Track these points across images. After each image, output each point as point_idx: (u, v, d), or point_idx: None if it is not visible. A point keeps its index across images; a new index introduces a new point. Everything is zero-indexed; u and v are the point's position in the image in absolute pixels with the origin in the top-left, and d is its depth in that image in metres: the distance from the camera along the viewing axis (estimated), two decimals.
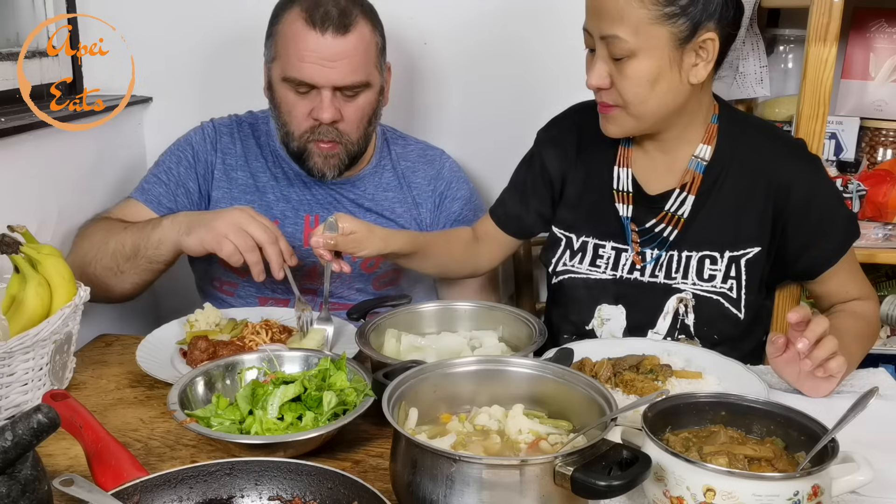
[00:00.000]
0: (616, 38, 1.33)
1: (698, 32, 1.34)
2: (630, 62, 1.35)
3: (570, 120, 1.64)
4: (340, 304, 1.79)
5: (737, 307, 1.48)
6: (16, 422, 0.91)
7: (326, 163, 1.71)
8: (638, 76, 1.35)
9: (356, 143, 1.72)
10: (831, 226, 1.48)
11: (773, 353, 1.31)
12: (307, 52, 1.60)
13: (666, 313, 1.50)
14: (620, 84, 1.37)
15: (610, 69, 1.38)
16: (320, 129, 1.67)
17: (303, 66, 1.61)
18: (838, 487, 0.97)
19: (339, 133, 1.68)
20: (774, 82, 2.18)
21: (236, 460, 1.02)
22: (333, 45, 1.60)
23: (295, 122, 1.69)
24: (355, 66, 1.63)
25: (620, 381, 1.30)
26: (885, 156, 2.16)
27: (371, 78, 1.67)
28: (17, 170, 1.70)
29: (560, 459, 0.91)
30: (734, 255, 1.48)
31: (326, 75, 1.61)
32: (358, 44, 1.63)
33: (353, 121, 1.68)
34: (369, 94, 1.69)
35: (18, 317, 1.30)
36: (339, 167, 1.73)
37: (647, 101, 1.38)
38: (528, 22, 2.09)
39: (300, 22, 1.61)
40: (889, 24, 2.13)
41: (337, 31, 1.60)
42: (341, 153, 1.71)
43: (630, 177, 1.53)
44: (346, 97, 1.66)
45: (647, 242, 1.52)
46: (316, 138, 1.68)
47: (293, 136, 1.71)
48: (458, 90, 2.15)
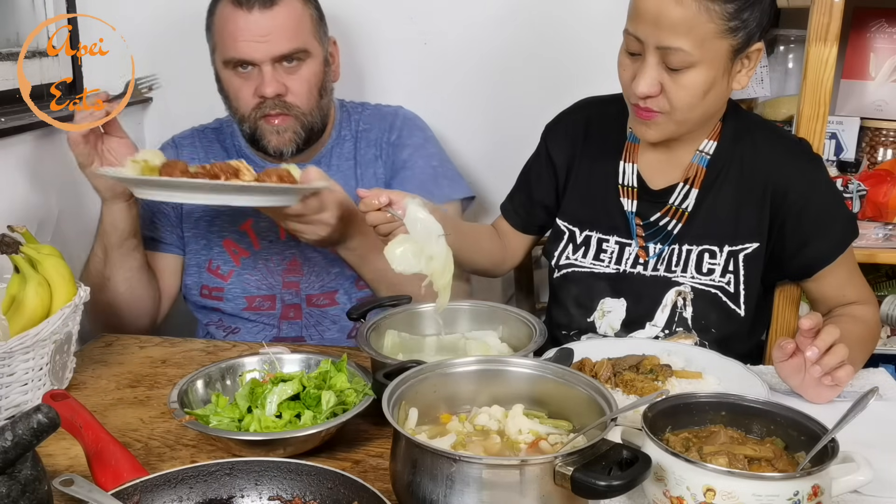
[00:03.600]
0: (679, 50, 1.32)
1: (750, 44, 1.36)
2: (688, 73, 1.34)
3: (578, 114, 1.65)
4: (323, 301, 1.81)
5: (735, 302, 1.49)
6: (16, 422, 0.91)
7: (281, 138, 1.70)
8: (694, 87, 1.35)
9: (309, 114, 1.71)
10: (829, 225, 1.48)
11: (780, 358, 1.30)
12: (238, 31, 1.64)
13: (664, 306, 1.51)
14: (673, 93, 1.36)
15: (661, 77, 1.36)
16: (266, 104, 1.67)
17: (237, 45, 1.64)
18: (838, 487, 0.97)
19: (286, 105, 1.68)
20: (774, 82, 2.18)
21: (237, 460, 1.02)
22: (262, 19, 1.63)
23: (242, 103, 1.70)
24: (289, 36, 1.65)
25: (620, 381, 1.30)
26: (886, 156, 2.16)
27: (309, 46, 1.69)
28: (17, 170, 1.70)
29: (560, 459, 0.91)
30: (733, 250, 1.49)
31: (261, 49, 1.64)
32: (288, 15, 1.65)
33: (300, 93, 1.69)
34: (312, 64, 1.70)
35: (18, 317, 1.30)
36: (296, 141, 1.72)
37: (695, 108, 1.39)
38: (529, 22, 2.09)
39: (229, 6, 1.66)
40: (889, 24, 2.13)
41: (263, 6, 1.63)
42: (294, 126, 1.70)
43: (635, 172, 1.54)
44: (287, 70, 1.67)
45: (651, 237, 1.53)
46: (263, 114, 1.68)
47: (244, 119, 1.71)
48: (459, 90, 2.15)
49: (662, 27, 1.32)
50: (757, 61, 1.40)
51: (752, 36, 1.36)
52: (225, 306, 1.81)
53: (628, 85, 1.41)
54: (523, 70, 2.12)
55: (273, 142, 1.71)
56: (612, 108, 1.58)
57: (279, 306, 1.80)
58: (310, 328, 1.80)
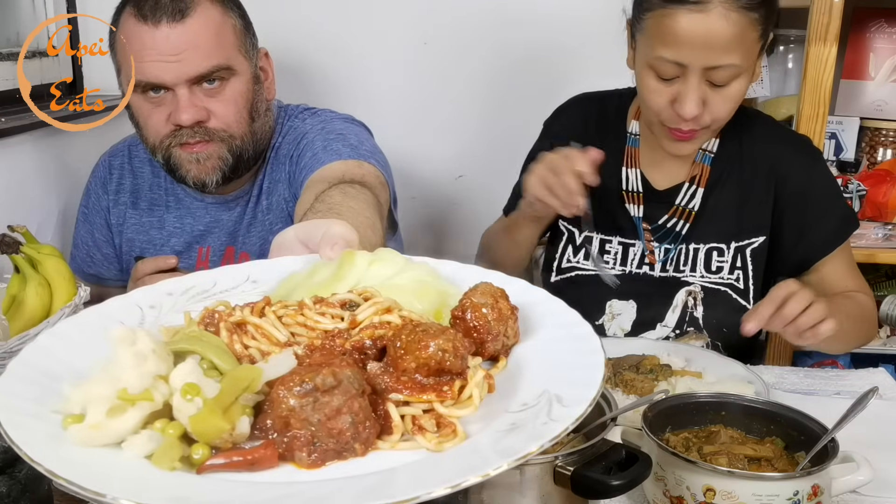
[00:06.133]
0: (731, 66, 1.31)
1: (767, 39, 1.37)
2: (733, 84, 1.34)
3: (575, 109, 1.64)
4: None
5: (745, 298, 1.49)
6: None
7: (202, 167, 1.46)
8: (738, 95, 1.36)
9: (240, 138, 1.47)
10: (827, 215, 1.48)
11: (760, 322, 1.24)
12: (145, 51, 1.39)
13: (675, 307, 1.51)
14: (718, 106, 1.35)
15: (704, 94, 1.34)
16: (182, 132, 1.44)
17: (144, 67, 1.40)
18: (838, 487, 0.97)
19: (208, 132, 1.45)
20: (774, 82, 2.18)
21: None
22: (171, 35, 1.38)
23: (152, 131, 1.46)
24: (206, 52, 1.40)
25: (620, 381, 1.30)
26: (885, 156, 2.17)
27: (232, 62, 1.44)
28: (17, 170, 1.70)
29: (560, 459, 0.91)
30: (739, 246, 1.49)
31: (173, 70, 1.39)
32: (203, 28, 1.40)
33: (225, 116, 1.45)
34: (237, 83, 1.46)
35: (18, 317, 1.30)
36: (222, 169, 1.47)
37: (731, 114, 1.38)
38: (529, 22, 2.10)
39: (132, 20, 1.41)
40: (889, 24, 2.13)
41: (172, 19, 1.38)
42: (219, 151, 1.46)
43: (639, 177, 1.53)
44: (208, 92, 1.44)
45: (659, 239, 1.52)
46: (179, 142, 1.45)
47: (156, 148, 1.48)
48: (458, 90, 2.16)
49: (714, 48, 1.29)
50: (762, 55, 1.41)
51: (769, 33, 1.37)
52: None
53: (665, 109, 1.37)
54: (524, 70, 2.12)
55: (192, 171, 1.47)
56: (609, 107, 1.57)
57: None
58: None
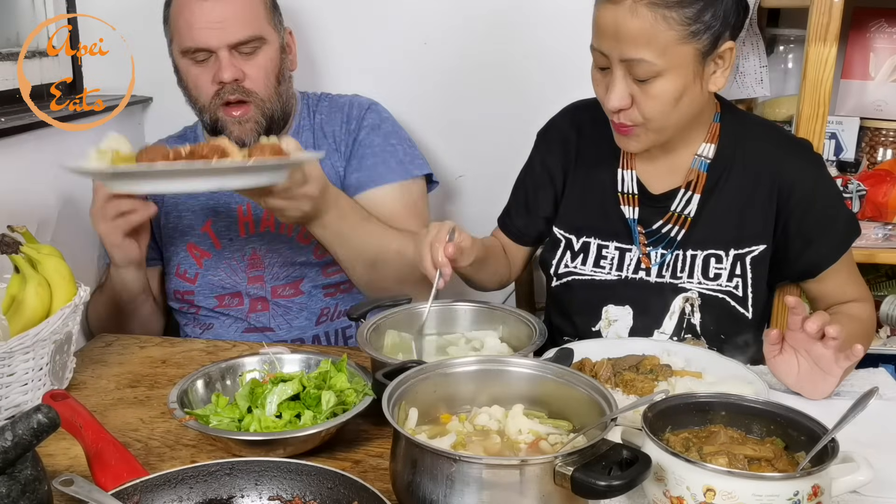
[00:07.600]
0: (642, 61, 1.31)
1: (718, 44, 1.34)
2: (656, 82, 1.33)
3: (568, 119, 1.64)
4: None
5: (744, 306, 1.48)
6: (16, 422, 0.91)
7: (242, 129, 1.72)
8: (664, 95, 1.34)
9: (267, 100, 1.73)
10: (832, 224, 1.48)
11: (772, 351, 1.31)
12: (194, 20, 1.67)
13: (672, 313, 1.50)
14: (644, 104, 1.35)
15: (631, 89, 1.35)
16: (224, 89, 1.69)
17: (193, 34, 1.67)
18: (838, 487, 0.97)
19: (245, 91, 1.70)
20: (774, 82, 2.18)
21: (237, 460, 1.01)
22: (216, 7, 1.66)
23: (202, 91, 1.72)
24: (243, 23, 1.68)
25: (620, 381, 1.30)
26: (885, 156, 2.17)
27: (264, 33, 1.71)
28: (17, 170, 1.70)
29: (560, 459, 0.91)
30: (739, 253, 1.48)
31: (217, 36, 1.66)
32: (242, 3, 1.69)
33: (257, 78, 1.71)
34: (268, 50, 1.72)
35: (18, 317, 1.30)
36: (257, 130, 1.73)
37: (669, 116, 1.37)
38: (529, 22, 2.09)
39: None
40: (889, 24, 2.13)
41: None
42: (255, 115, 1.72)
43: (634, 179, 1.53)
44: (244, 56, 1.70)
45: (654, 243, 1.52)
46: (223, 101, 1.70)
47: (204, 109, 1.73)
48: (459, 90, 2.15)
49: (622, 40, 1.30)
50: (731, 60, 1.37)
51: (719, 36, 1.34)
52: (196, 307, 1.83)
53: (603, 99, 1.39)
54: (524, 70, 2.12)
55: (235, 132, 1.71)
56: (600, 113, 1.55)
57: (247, 302, 1.81)
58: (277, 318, 1.80)
